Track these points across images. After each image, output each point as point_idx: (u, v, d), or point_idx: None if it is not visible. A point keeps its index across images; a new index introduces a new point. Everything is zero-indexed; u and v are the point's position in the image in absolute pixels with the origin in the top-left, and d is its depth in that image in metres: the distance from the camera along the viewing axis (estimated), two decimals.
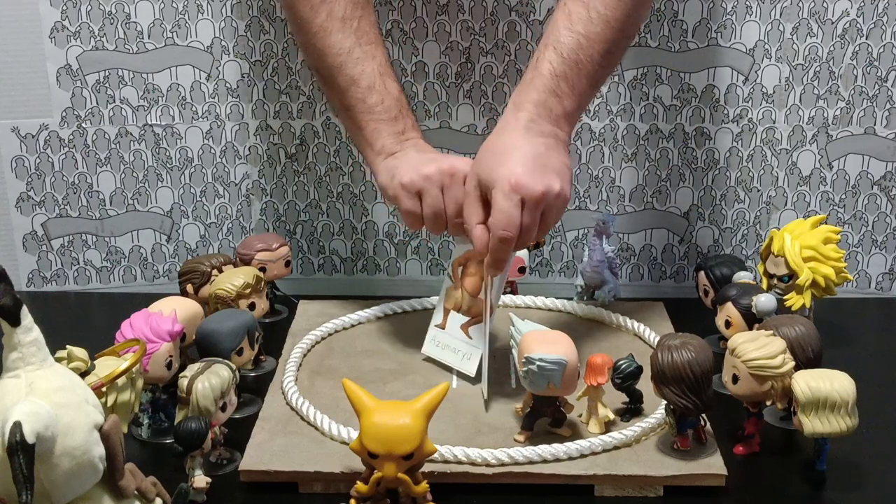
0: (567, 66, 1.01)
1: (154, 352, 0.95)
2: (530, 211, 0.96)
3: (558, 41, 1.02)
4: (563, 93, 1.01)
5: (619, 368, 0.97)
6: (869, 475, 0.95)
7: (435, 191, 1.03)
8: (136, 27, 1.28)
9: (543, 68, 1.02)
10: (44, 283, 1.36)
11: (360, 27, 1.09)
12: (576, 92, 1.02)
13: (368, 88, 1.08)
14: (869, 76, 1.27)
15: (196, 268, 1.15)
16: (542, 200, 0.96)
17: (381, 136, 1.08)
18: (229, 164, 1.35)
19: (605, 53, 1.03)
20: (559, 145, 1.01)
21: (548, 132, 1.01)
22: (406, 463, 0.83)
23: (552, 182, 0.97)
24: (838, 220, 1.33)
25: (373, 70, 1.09)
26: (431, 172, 1.03)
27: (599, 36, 1.02)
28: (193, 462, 0.88)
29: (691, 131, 1.31)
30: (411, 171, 1.04)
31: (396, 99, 1.09)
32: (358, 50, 1.08)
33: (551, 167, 0.98)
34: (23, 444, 0.65)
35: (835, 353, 1.02)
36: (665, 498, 0.91)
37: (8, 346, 0.70)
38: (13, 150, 1.31)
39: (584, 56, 1.01)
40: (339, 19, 1.08)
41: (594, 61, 1.02)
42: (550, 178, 0.97)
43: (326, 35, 1.08)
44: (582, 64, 1.01)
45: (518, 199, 0.95)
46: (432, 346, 1.12)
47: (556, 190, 0.97)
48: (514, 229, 0.96)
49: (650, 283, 1.38)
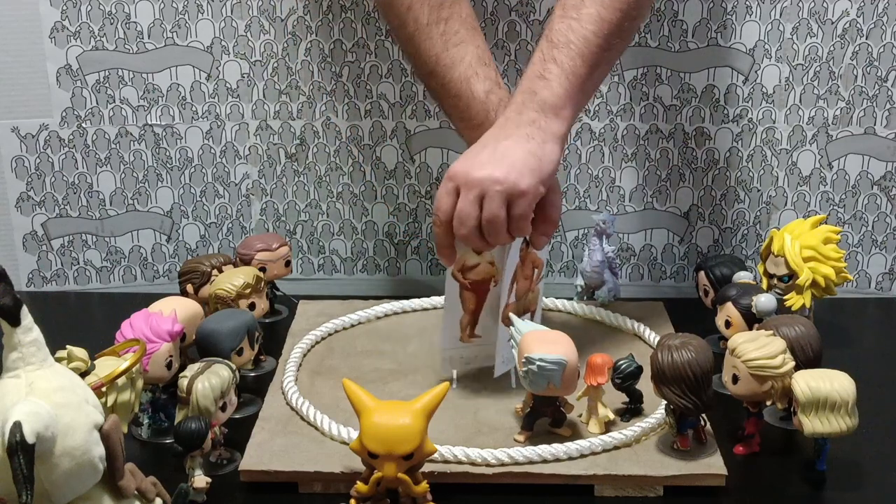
0: (556, 49, 1.00)
1: (154, 352, 0.95)
2: (463, 197, 0.97)
3: (550, 29, 1.02)
4: (550, 74, 1.00)
5: (619, 368, 0.97)
6: (869, 475, 0.95)
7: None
8: (136, 27, 1.27)
9: (533, 57, 1.02)
10: (44, 283, 1.36)
11: (448, 29, 1.07)
12: (566, 71, 1.00)
13: (456, 97, 1.07)
14: (869, 76, 1.27)
15: (196, 268, 1.15)
16: (474, 186, 0.96)
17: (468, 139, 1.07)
18: (229, 164, 1.35)
19: (601, 33, 1.00)
20: (539, 135, 0.99)
21: (528, 121, 0.99)
22: (406, 463, 0.83)
23: (494, 170, 0.96)
24: (838, 220, 1.33)
25: (458, 76, 1.06)
26: None
27: (593, 16, 1.00)
28: (193, 462, 0.88)
29: (691, 131, 1.31)
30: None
31: (482, 102, 1.06)
32: (444, 56, 1.06)
33: (508, 156, 0.97)
34: (23, 444, 0.65)
35: (835, 353, 1.02)
36: (665, 498, 0.91)
37: (8, 346, 0.70)
38: (13, 150, 1.31)
39: (575, 36, 1.00)
40: (424, 26, 1.06)
41: (587, 40, 1.00)
42: (496, 166, 0.96)
43: (416, 43, 1.07)
44: (573, 44, 1.00)
45: (451, 186, 0.97)
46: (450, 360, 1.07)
47: (494, 175, 0.96)
48: (441, 215, 0.98)
49: (650, 283, 1.38)
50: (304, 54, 1.30)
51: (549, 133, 0.99)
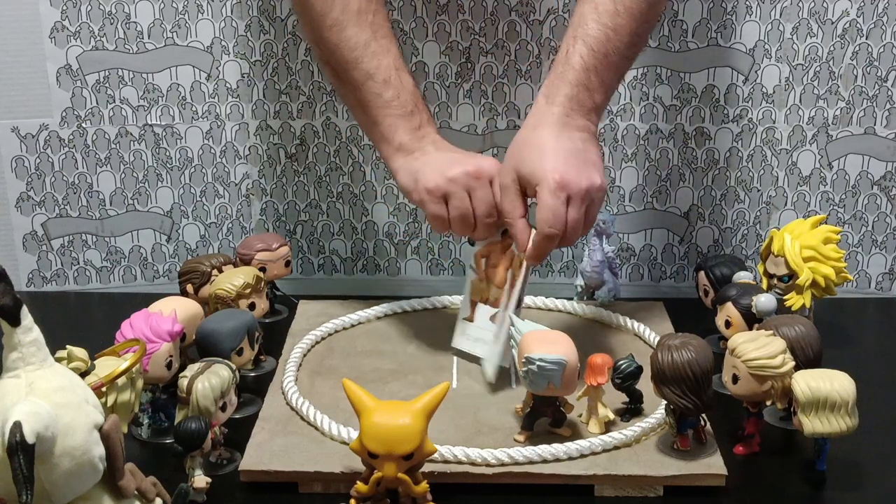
0: (597, 60, 1.02)
1: (154, 352, 0.95)
2: (576, 207, 0.98)
3: (587, 34, 1.03)
4: (593, 86, 1.02)
5: (619, 368, 0.97)
6: (869, 475, 0.95)
7: (461, 194, 1.03)
8: (136, 27, 1.28)
9: (574, 62, 1.03)
10: (44, 283, 1.36)
11: (375, 21, 1.09)
12: (605, 84, 1.03)
13: (385, 83, 1.08)
14: (869, 76, 1.27)
15: (196, 268, 1.15)
16: (586, 196, 0.98)
17: (399, 132, 1.08)
18: (229, 164, 1.35)
19: (630, 45, 1.04)
20: (592, 138, 1.03)
21: (582, 126, 1.02)
22: (406, 463, 0.83)
23: (594, 176, 0.99)
24: (838, 220, 1.33)
25: (388, 64, 1.08)
26: (457, 175, 1.03)
27: (625, 28, 1.03)
28: (193, 462, 0.88)
29: (691, 131, 1.31)
30: (436, 176, 1.03)
31: (412, 93, 1.09)
32: (374, 44, 1.08)
33: (591, 161, 1.00)
34: (23, 444, 0.65)
35: (835, 353, 1.02)
36: (665, 498, 0.91)
37: (8, 346, 0.70)
38: (13, 150, 1.31)
39: (612, 49, 1.03)
40: (354, 13, 1.07)
41: (620, 53, 1.04)
42: (591, 172, 0.99)
43: (341, 29, 1.08)
44: (610, 57, 1.03)
45: (565, 196, 0.97)
46: (463, 339, 1.12)
47: (597, 183, 0.99)
48: (560, 226, 0.98)
49: (650, 283, 1.38)
50: (304, 54, 1.30)
51: (595, 136, 1.04)
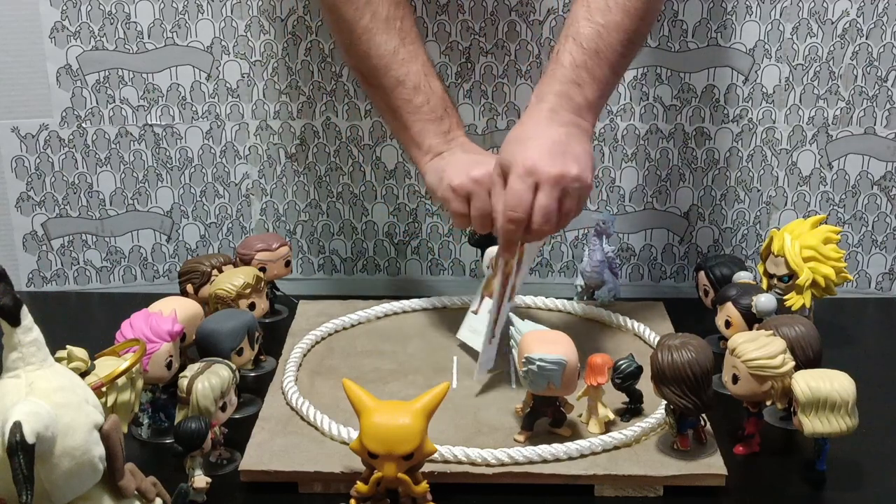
0: (587, 56, 1.02)
1: (154, 352, 0.95)
2: (546, 193, 0.97)
3: (578, 32, 1.03)
4: (583, 82, 1.02)
5: (619, 368, 0.97)
6: (869, 475, 0.95)
7: (483, 194, 1.03)
8: (136, 27, 1.28)
9: (564, 59, 1.03)
10: (44, 283, 1.36)
11: (404, 27, 1.09)
12: (597, 80, 1.03)
13: (414, 89, 1.09)
14: (869, 76, 1.27)
15: (196, 268, 1.15)
16: (557, 182, 0.97)
17: (428, 136, 1.09)
18: (229, 164, 1.35)
19: (625, 41, 1.04)
20: (581, 134, 1.02)
21: (569, 121, 1.02)
22: (406, 463, 0.83)
23: (569, 165, 0.97)
24: (838, 220, 1.33)
25: (418, 70, 1.09)
26: (481, 176, 1.03)
27: (619, 25, 1.03)
28: (193, 462, 0.88)
29: (691, 131, 1.31)
30: (461, 174, 1.04)
31: (441, 98, 1.10)
32: (403, 50, 1.09)
33: (570, 153, 0.99)
34: (23, 444, 0.65)
35: (835, 353, 1.02)
36: (665, 498, 0.91)
37: (8, 346, 0.70)
38: (13, 150, 1.31)
39: (604, 45, 1.03)
40: (382, 20, 1.08)
41: (614, 49, 1.03)
42: (568, 162, 0.98)
43: (371, 36, 1.08)
44: (602, 53, 1.03)
45: (532, 181, 0.96)
46: (466, 331, 1.14)
47: (573, 173, 0.97)
48: (522, 210, 0.97)
49: (650, 283, 1.38)
50: (304, 54, 1.30)
51: (586, 133, 1.03)
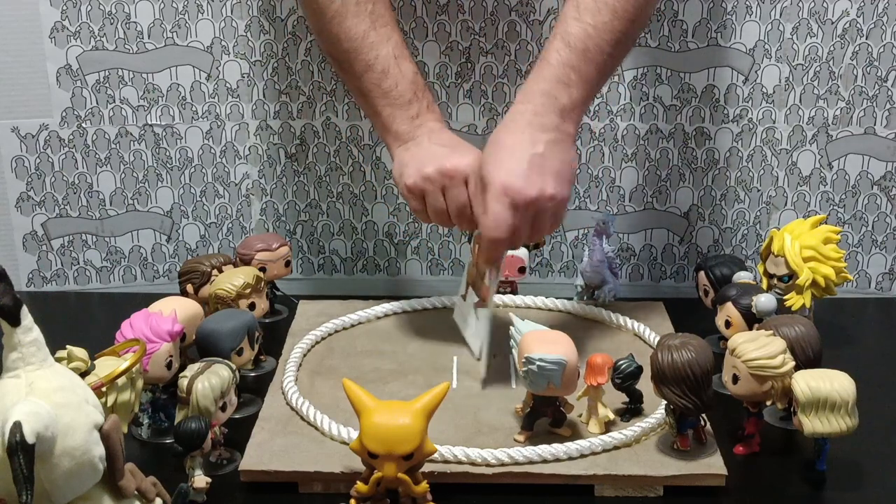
0: (574, 55, 1.02)
1: (154, 352, 0.95)
2: (521, 214, 0.98)
3: (566, 31, 1.03)
4: (570, 81, 1.02)
5: (619, 368, 0.97)
6: (869, 475, 0.95)
7: (436, 192, 1.04)
8: (136, 27, 1.28)
9: (551, 58, 1.02)
10: (44, 283, 1.36)
11: (375, 10, 1.09)
12: (584, 80, 1.02)
13: (383, 73, 1.08)
14: (869, 76, 1.27)
15: (196, 268, 1.15)
16: (532, 204, 0.97)
17: (397, 121, 1.09)
18: (229, 164, 1.35)
19: (613, 43, 1.03)
20: (563, 140, 1.01)
21: (551, 126, 1.01)
22: (406, 463, 0.83)
23: (545, 185, 0.97)
24: (838, 220, 1.33)
25: (387, 53, 1.09)
26: (431, 174, 1.04)
27: (607, 25, 1.02)
28: (193, 462, 0.88)
29: (691, 131, 1.31)
30: (414, 174, 1.05)
31: (411, 81, 1.09)
32: (373, 34, 1.09)
33: (549, 168, 0.98)
34: (23, 444, 0.65)
35: (835, 353, 1.02)
36: (665, 498, 0.91)
37: (8, 346, 0.70)
38: (13, 150, 1.31)
39: (592, 45, 1.02)
40: (353, 4, 1.08)
41: (602, 50, 1.03)
42: (545, 180, 0.98)
43: (342, 20, 1.08)
44: (590, 52, 1.02)
45: (508, 201, 0.97)
46: (458, 313, 1.16)
47: (548, 193, 0.98)
48: (502, 231, 0.98)
49: (650, 283, 1.38)
50: (304, 54, 1.30)
51: (569, 137, 1.02)
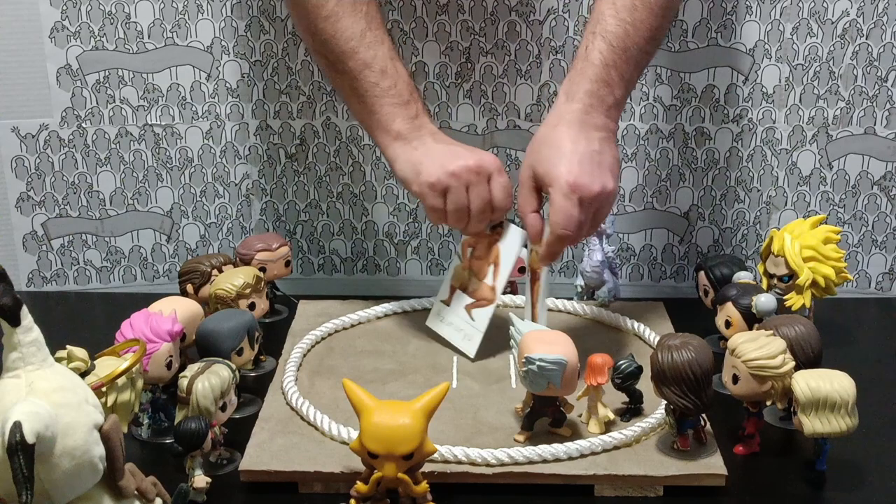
0: (616, 55, 1.03)
1: (154, 352, 0.95)
2: (586, 209, 0.99)
3: (606, 30, 1.03)
4: (613, 82, 1.03)
5: (619, 368, 0.97)
6: (869, 475, 0.95)
7: (460, 188, 1.05)
8: (136, 27, 1.28)
9: (594, 57, 1.03)
10: (44, 283, 1.36)
11: (369, 12, 1.10)
12: (625, 80, 1.04)
13: (381, 72, 1.09)
14: (869, 76, 1.27)
15: (196, 268, 1.15)
16: (597, 199, 0.99)
17: (396, 121, 1.09)
18: (229, 164, 1.35)
19: (649, 40, 1.04)
20: (611, 138, 1.04)
21: (601, 125, 1.03)
22: (406, 463, 0.83)
23: (607, 181, 1.00)
24: (838, 220, 1.33)
25: (384, 54, 1.09)
26: (458, 170, 1.04)
27: (644, 23, 1.03)
28: (193, 462, 0.88)
29: (691, 131, 1.31)
30: (437, 170, 1.05)
31: (407, 83, 1.10)
32: (370, 34, 1.09)
33: (606, 164, 1.01)
34: (23, 444, 0.65)
35: (835, 353, 1.02)
36: (665, 498, 0.91)
37: (8, 346, 0.70)
38: (13, 150, 1.31)
39: (632, 44, 1.03)
40: (349, 4, 1.08)
41: (640, 48, 1.04)
42: (605, 176, 1.00)
43: (338, 19, 1.08)
44: (630, 52, 1.03)
45: (577, 198, 0.99)
46: (436, 320, 1.15)
47: (609, 188, 1.00)
48: (573, 228, 0.99)
49: (650, 283, 1.38)
50: (304, 54, 1.30)
51: (614, 135, 1.05)
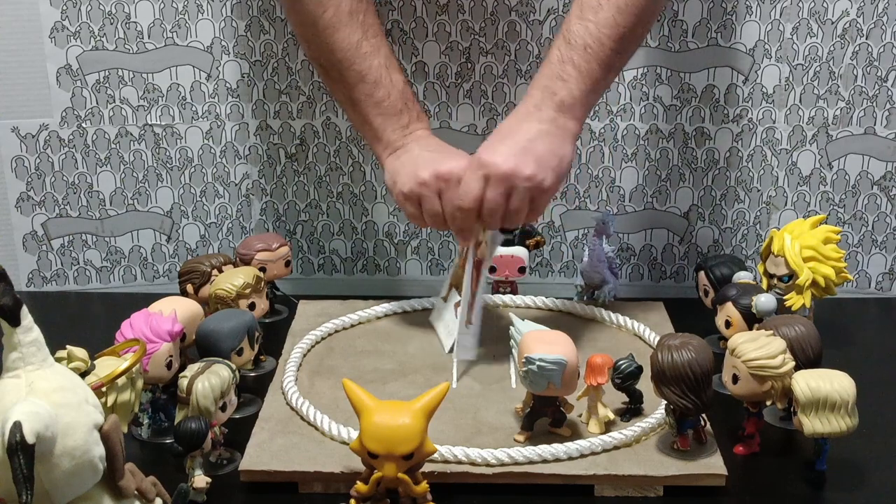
0: (573, 51, 1.03)
1: (154, 352, 0.95)
2: (493, 188, 1.00)
3: (568, 30, 1.04)
4: (568, 76, 1.03)
5: (619, 368, 0.97)
6: (869, 475, 0.95)
7: (432, 196, 1.05)
8: (136, 27, 1.28)
9: (552, 56, 1.04)
10: (44, 283, 1.36)
11: (366, 20, 1.10)
12: (584, 75, 1.03)
13: (375, 84, 1.09)
14: (869, 76, 1.27)
15: (196, 268, 1.15)
16: (505, 179, 0.99)
17: (387, 131, 1.10)
18: (229, 164, 1.35)
19: (616, 38, 1.03)
20: (558, 133, 1.02)
21: (546, 118, 1.02)
22: (406, 463, 0.83)
23: (523, 165, 0.99)
24: (838, 220, 1.33)
25: (380, 64, 1.10)
26: (426, 178, 1.05)
27: (609, 21, 1.03)
28: (193, 462, 0.88)
29: (691, 131, 1.31)
30: (409, 179, 1.06)
31: (401, 91, 1.11)
32: (365, 44, 1.09)
33: (533, 152, 1.00)
34: (23, 444, 0.65)
35: (835, 353, 1.02)
36: (665, 498, 0.91)
37: (8, 346, 0.70)
38: (13, 150, 1.31)
39: (592, 40, 1.03)
40: (346, 14, 1.09)
41: (604, 45, 1.03)
42: (525, 160, 0.99)
43: (334, 30, 1.09)
44: (591, 48, 1.03)
45: (482, 174, 1.00)
46: (435, 314, 1.18)
47: (525, 172, 0.99)
48: (467, 200, 1.00)
49: (650, 283, 1.38)
50: (304, 54, 1.30)
51: (566, 132, 1.03)
